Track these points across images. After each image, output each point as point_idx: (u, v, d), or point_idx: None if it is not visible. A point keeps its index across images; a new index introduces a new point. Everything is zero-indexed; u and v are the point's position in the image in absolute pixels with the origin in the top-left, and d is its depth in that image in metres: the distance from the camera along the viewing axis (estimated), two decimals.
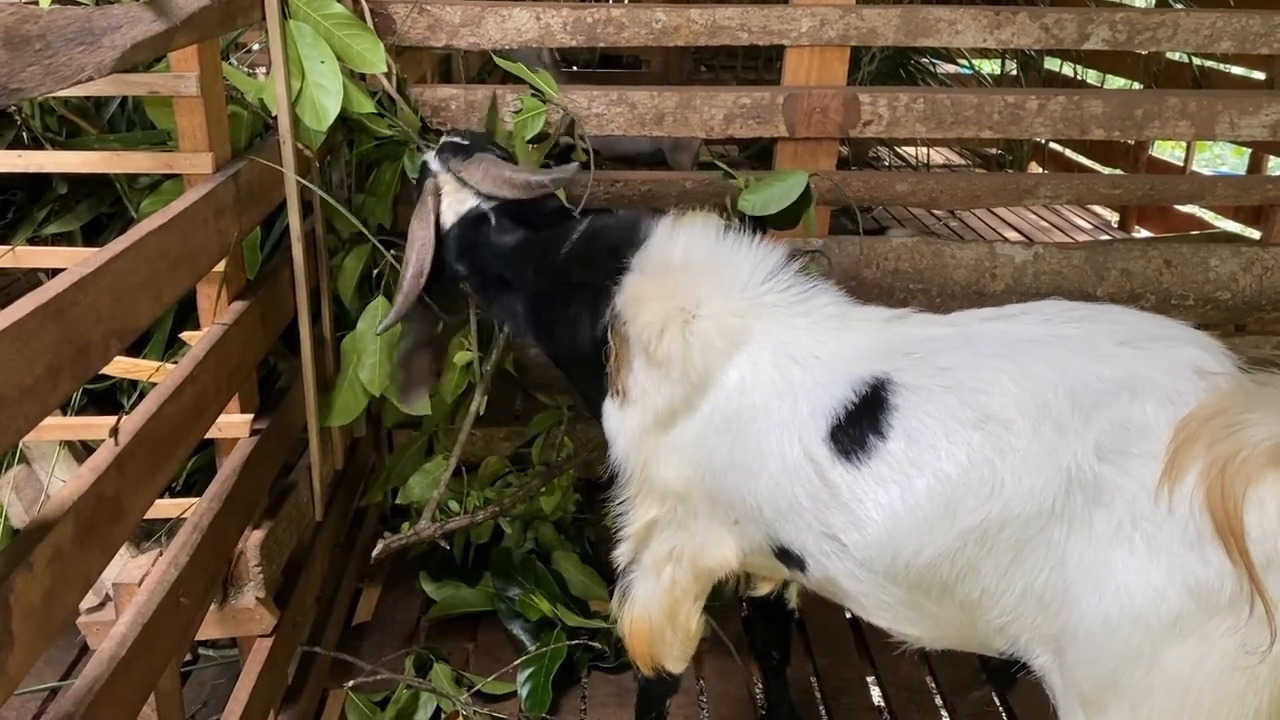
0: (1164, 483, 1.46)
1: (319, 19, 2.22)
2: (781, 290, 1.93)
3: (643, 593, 2.11)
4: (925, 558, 1.64)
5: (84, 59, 1.38)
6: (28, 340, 1.23)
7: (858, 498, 1.69)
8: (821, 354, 1.83)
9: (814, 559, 1.80)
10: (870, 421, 1.70)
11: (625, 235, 2.03)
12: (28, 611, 1.24)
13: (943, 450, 1.62)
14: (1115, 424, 1.52)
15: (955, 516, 1.60)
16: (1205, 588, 1.42)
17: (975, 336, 1.73)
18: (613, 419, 2.02)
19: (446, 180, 2.15)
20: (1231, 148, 9.10)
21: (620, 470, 2.04)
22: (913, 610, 1.75)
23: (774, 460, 1.80)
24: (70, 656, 2.73)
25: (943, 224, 6.15)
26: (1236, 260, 2.99)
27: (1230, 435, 1.42)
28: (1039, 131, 2.93)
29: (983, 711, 2.71)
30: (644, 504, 2.04)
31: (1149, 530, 1.47)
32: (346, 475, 2.84)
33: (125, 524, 1.54)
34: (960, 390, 1.64)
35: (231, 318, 2.06)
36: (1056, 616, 1.58)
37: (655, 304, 1.92)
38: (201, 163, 2.01)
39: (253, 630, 2.15)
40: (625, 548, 2.11)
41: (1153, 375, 1.54)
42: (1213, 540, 1.42)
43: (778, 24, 2.77)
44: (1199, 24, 2.85)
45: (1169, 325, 1.65)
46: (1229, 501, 1.40)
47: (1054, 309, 1.72)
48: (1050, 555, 1.56)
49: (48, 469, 2.45)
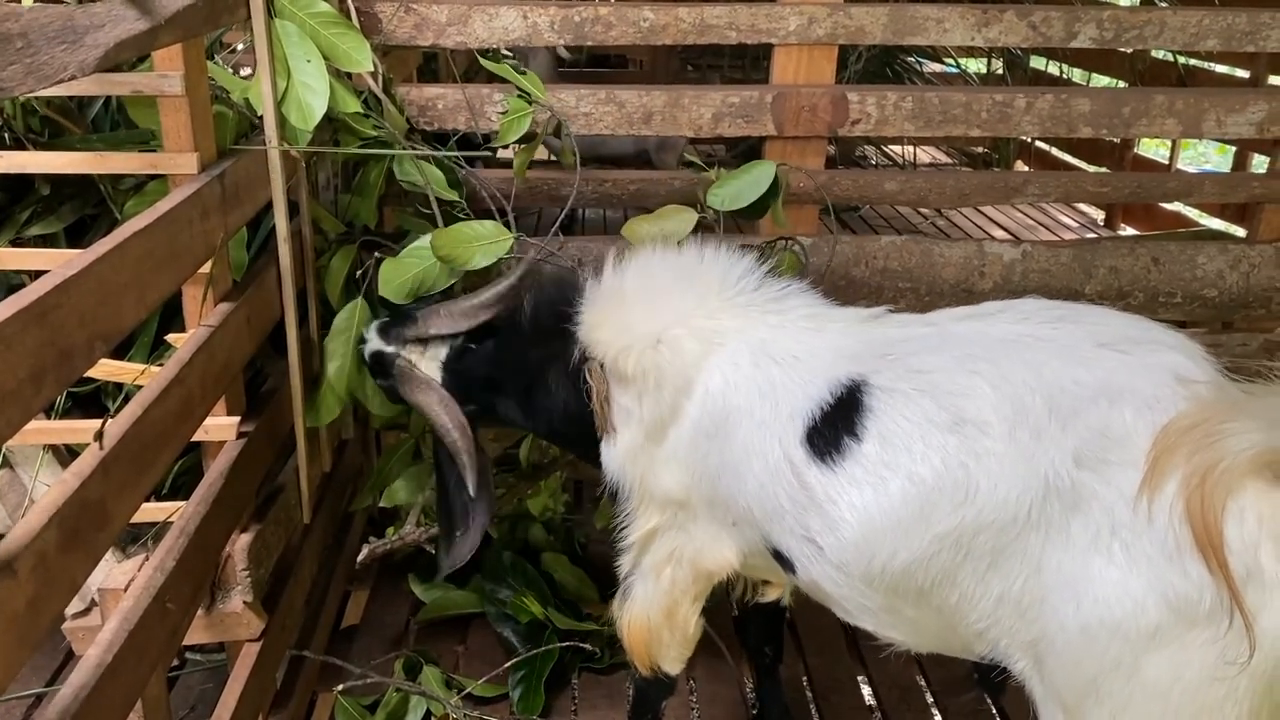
0: (1143, 492, 1.44)
1: (305, 18, 2.20)
2: (753, 290, 1.93)
3: (642, 592, 2.12)
4: (900, 562, 1.63)
5: (66, 58, 1.36)
6: (10, 344, 1.21)
7: (832, 500, 1.68)
8: (800, 354, 1.82)
9: (799, 562, 1.80)
10: (845, 424, 1.69)
11: (563, 291, 2.08)
12: (11, 618, 1.22)
13: (917, 453, 1.61)
14: (1094, 431, 1.50)
15: (930, 521, 1.59)
16: (1184, 599, 1.41)
17: (951, 337, 1.71)
18: (608, 453, 2.04)
19: (410, 350, 2.24)
20: (1215, 146, 9.15)
21: (619, 487, 2.05)
22: (891, 615, 1.74)
23: (758, 461, 1.79)
24: (55, 662, 2.71)
25: (930, 223, 6.16)
26: (1224, 258, 3.00)
27: (1210, 445, 1.40)
28: (1027, 130, 2.93)
29: (974, 711, 2.71)
30: (645, 514, 2.04)
31: (1127, 539, 1.46)
32: (334, 477, 2.82)
33: (111, 529, 1.52)
34: (936, 393, 1.62)
35: (217, 319, 2.04)
36: (1034, 623, 1.56)
37: (614, 328, 1.94)
38: (186, 163, 1.99)
39: (240, 634, 2.13)
40: (628, 558, 2.12)
41: (1132, 381, 1.52)
42: (1192, 552, 1.40)
43: (766, 22, 2.76)
44: (1185, 22, 2.86)
45: (1151, 328, 1.63)
46: (1209, 513, 1.38)
47: (1032, 307, 1.71)
48: (1027, 562, 1.54)
49: (32, 473, 2.42)
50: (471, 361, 2.23)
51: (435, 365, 2.23)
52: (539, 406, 2.17)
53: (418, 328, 2.24)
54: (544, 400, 2.14)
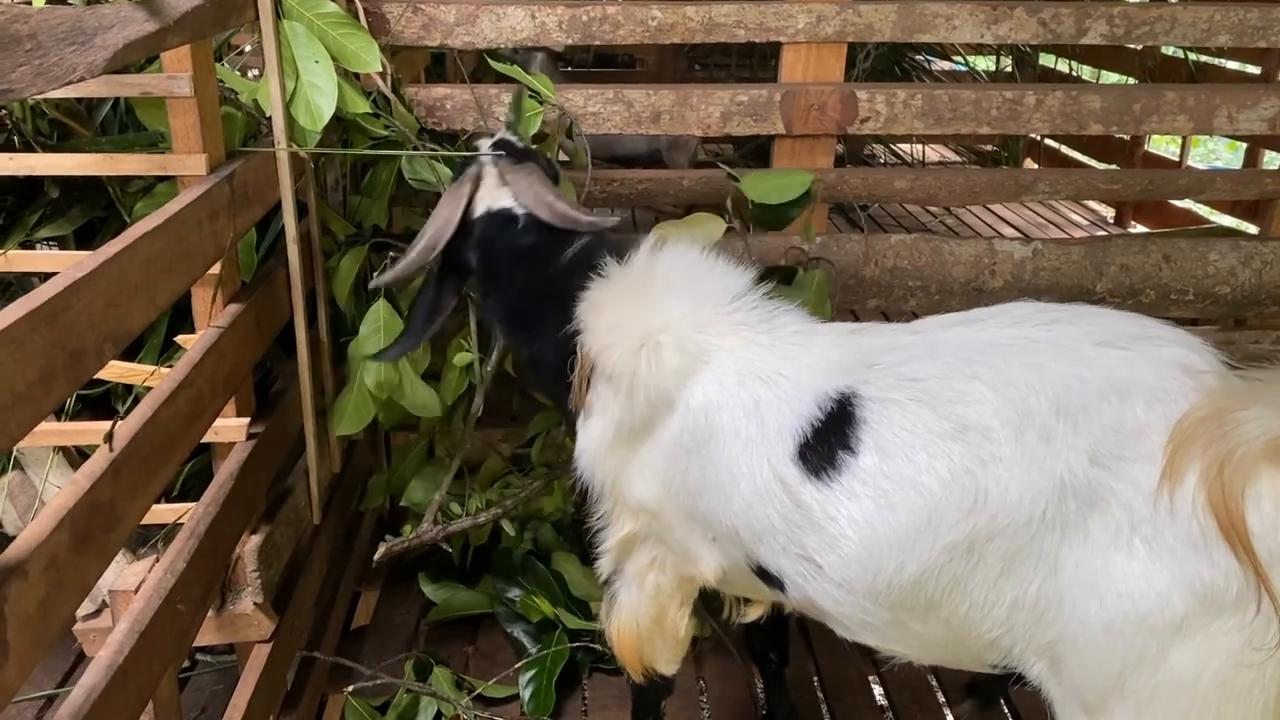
0: (1164, 485, 1.44)
1: (313, 18, 2.20)
2: (748, 310, 1.89)
3: (628, 600, 2.09)
4: (908, 574, 1.60)
5: (75, 59, 1.36)
6: (21, 345, 1.22)
7: (830, 517, 1.65)
8: (785, 371, 1.78)
9: (791, 581, 1.76)
10: (838, 437, 1.65)
11: (607, 250, 2.02)
12: (24, 620, 1.22)
13: (921, 463, 1.57)
14: (1107, 428, 1.49)
15: (938, 531, 1.56)
16: (1212, 589, 1.41)
17: (942, 344, 1.68)
18: (581, 434, 2.01)
19: (491, 174, 2.14)
20: (1225, 143, 9.10)
21: (589, 484, 2.02)
22: (897, 630, 1.72)
23: (745, 483, 1.75)
24: (66, 664, 2.71)
25: (939, 221, 6.14)
26: (1236, 255, 2.98)
27: (1225, 434, 1.41)
28: (1037, 127, 2.91)
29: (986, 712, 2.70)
30: (619, 520, 2.02)
31: (1149, 533, 1.45)
32: (344, 478, 2.82)
33: (121, 530, 1.52)
34: (932, 401, 1.60)
35: (227, 321, 2.04)
36: (1051, 626, 1.55)
37: (607, 319, 1.90)
38: (195, 164, 1.99)
39: (251, 636, 2.13)
40: (605, 561, 2.09)
41: (1139, 376, 1.51)
42: (1218, 541, 1.40)
43: (774, 20, 2.75)
44: (1197, 17, 2.84)
45: (1149, 324, 1.62)
46: (1231, 501, 1.39)
47: (1024, 311, 1.68)
48: (1042, 564, 1.53)
49: (42, 475, 2.43)
50: (511, 237, 2.10)
51: (486, 205, 2.12)
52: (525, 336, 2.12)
53: (510, 169, 2.13)
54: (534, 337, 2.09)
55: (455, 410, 2.78)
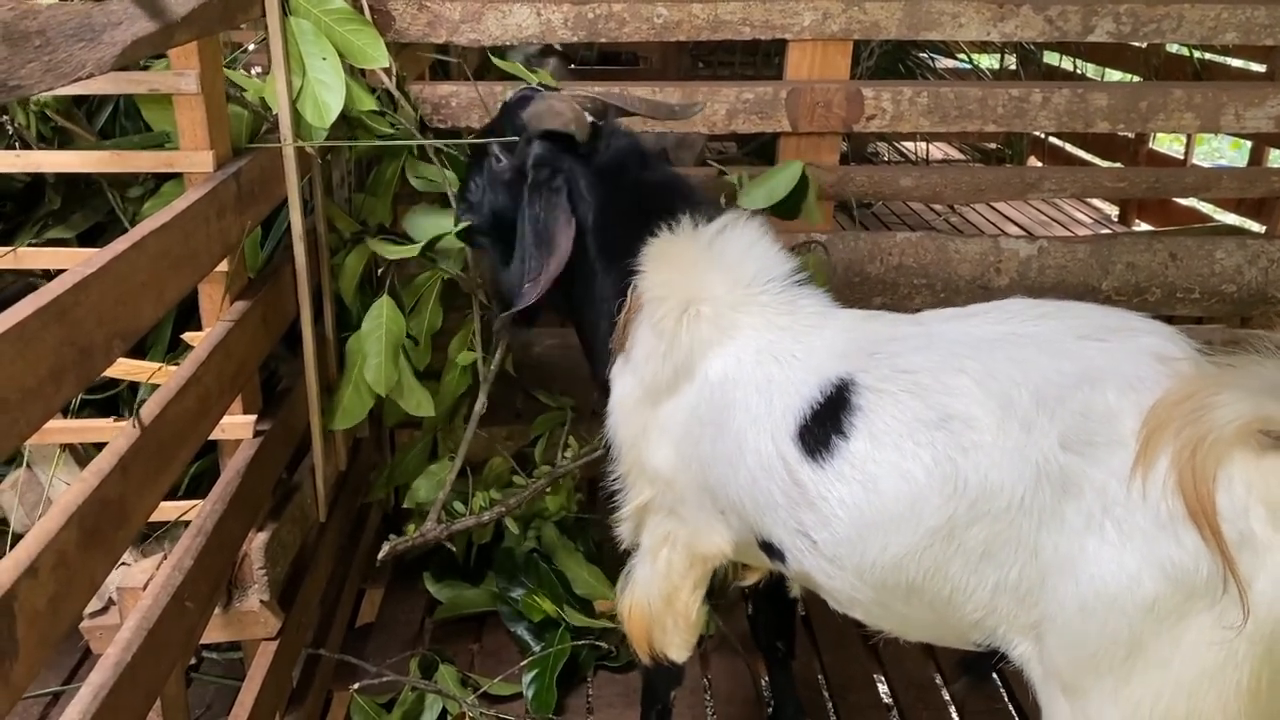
0: (1137, 469, 1.47)
1: (319, 15, 2.19)
2: (776, 293, 1.96)
3: (642, 577, 2.14)
4: (890, 555, 1.67)
5: (84, 55, 1.36)
6: (30, 342, 1.21)
7: (823, 496, 1.72)
8: (798, 353, 1.86)
9: (791, 554, 1.84)
10: (834, 422, 1.73)
11: (699, 197, 2.09)
12: (33, 618, 1.22)
13: (907, 450, 1.64)
14: (1077, 414, 1.54)
15: (920, 516, 1.62)
16: (1180, 569, 1.44)
17: (938, 337, 1.75)
18: (615, 381, 2.06)
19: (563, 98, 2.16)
20: (1230, 141, 9.08)
21: (612, 442, 2.08)
22: (881, 608, 1.79)
23: (751, 456, 1.83)
24: (72, 661, 2.71)
25: (943, 219, 6.13)
26: (1242, 253, 2.98)
27: (1199, 418, 1.43)
28: (1043, 125, 2.91)
29: (992, 709, 2.70)
30: (636, 485, 2.08)
31: (1120, 516, 1.48)
32: (350, 476, 2.82)
33: (129, 528, 1.52)
34: (922, 392, 1.66)
35: (234, 318, 2.04)
36: (1035, 606, 1.59)
37: (669, 271, 1.96)
38: (202, 161, 1.99)
39: (257, 633, 2.13)
40: (625, 527, 2.16)
41: (1113, 365, 1.56)
42: (1185, 522, 1.43)
43: (780, 18, 2.75)
44: (1203, 15, 2.84)
45: (1128, 317, 1.67)
46: (1201, 483, 1.41)
47: (1017, 307, 1.74)
48: (1022, 548, 1.57)
49: (48, 472, 2.42)
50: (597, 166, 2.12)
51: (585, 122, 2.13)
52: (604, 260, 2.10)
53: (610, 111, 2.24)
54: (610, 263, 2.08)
55: (458, 409, 2.78)
